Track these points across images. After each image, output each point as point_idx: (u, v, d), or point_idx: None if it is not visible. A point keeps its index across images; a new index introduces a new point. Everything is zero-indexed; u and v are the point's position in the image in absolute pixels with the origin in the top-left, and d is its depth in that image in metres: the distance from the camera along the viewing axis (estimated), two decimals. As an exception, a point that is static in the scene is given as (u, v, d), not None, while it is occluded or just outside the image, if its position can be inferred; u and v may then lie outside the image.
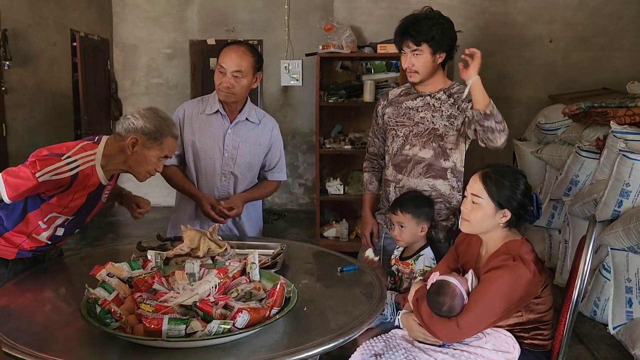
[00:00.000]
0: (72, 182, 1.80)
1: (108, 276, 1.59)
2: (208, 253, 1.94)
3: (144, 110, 1.91)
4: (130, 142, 1.85)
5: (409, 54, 2.21)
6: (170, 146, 1.93)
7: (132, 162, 1.90)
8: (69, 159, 1.78)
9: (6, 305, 1.65)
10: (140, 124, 1.86)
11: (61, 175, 1.76)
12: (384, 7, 4.75)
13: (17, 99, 4.91)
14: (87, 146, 1.87)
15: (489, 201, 1.75)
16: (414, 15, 2.22)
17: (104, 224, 5.99)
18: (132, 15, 6.73)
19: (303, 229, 6.03)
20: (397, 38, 2.25)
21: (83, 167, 1.82)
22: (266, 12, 6.63)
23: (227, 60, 2.27)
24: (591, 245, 1.64)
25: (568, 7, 4.80)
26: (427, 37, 2.17)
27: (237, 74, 2.28)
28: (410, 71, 2.24)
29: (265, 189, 2.58)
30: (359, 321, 1.55)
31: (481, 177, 1.78)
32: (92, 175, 1.86)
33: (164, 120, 1.91)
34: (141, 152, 1.88)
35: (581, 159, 3.80)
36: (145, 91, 6.86)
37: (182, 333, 1.32)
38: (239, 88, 2.31)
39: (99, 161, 1.87)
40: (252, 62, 2.30)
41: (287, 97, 6.79)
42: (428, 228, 2.15)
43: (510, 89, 4.96)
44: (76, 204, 1.89)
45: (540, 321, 1.76)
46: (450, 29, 2.25)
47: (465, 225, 1.82)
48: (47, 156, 1.77)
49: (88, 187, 1.87)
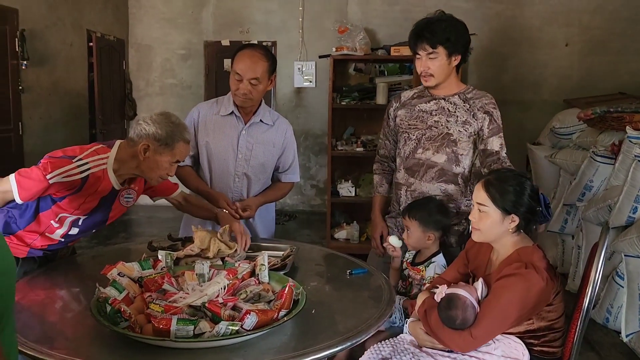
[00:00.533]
0: (82, 185, 1.81)
1: (119, 275, 1.61)
2: (218, 254, 1.95)
3: (156, 116, 1.90)
4: (142, 148, 1.86)
5: (425, 57, 2.19)
6: (182, 151, 1.93)
7: (144, 167, 1.90)
8: (80, 162, 1.80)
9: (17, 302, 1.67)
10: (152, 130, 1.86)
11: (72, 177, 1.77)
12: (399, 10, 4.75)
13: (34, 98, 4.97)
14: (100, 150, 1.89)
15: (495, 208, 1.74)
16: (428, 18, 2.21)
17: (116, 223, 6.02)
18: (147, 16, 6.79)
19: (314, 230, 6.03)
20: (411, 41, 2.24)
21: (94, 170, 1.83)
22: (281, 14, 6.65)
23: (243, 67, 2.26)
24: (603, 252, 1.62)
25: (585, 10, 4.76)
26: (442, 39, 2.15)
27: (254, 81, 2.27)
28: (425, 75, 2.22)
29: (279, 191, 2.58)
30: (366, 325, 1.55)
31: (484, 186, 1.77)
32: (104, 179, 1.87)
33: (175, 125, 1.90)
34: (153, 157, 1.88)
35: (596, 164, 3.76)
36: (159, 91, 6.91)
37: (191, 334, 1.33)
38: (256, 94, 2.32)
39: (111, 165, 1.88)
40: (267, 66, 2.30)
41: (300, 98, 6.80)
42: (441, 235, 2.12)
43: (525, 93, 4.93)
44: (88, 206, 1.90)
45: (551, 328, 1.74)
46: (464, 31, 2.24)
47: (476, 234, 1.81)
48: (59, 158, 1.79)
49: (100, 191, 1.88)
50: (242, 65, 2.27)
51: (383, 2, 4.85)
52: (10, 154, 4.64)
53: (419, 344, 1.79)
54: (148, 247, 2.08)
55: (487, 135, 2.23)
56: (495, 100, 5.28)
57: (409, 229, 2.09)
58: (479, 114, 2.23)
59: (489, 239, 1.81)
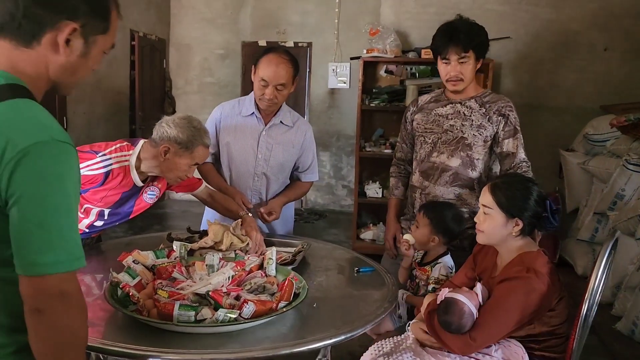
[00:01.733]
0: (105, 179, 1.93)
1: (134, 263, 1.71)
2: (230, 247, 2.04)
3: (178, 119, 1.97)
4: (163, 150, 1.95)
5: (455, 61, 2.18)
6: (201, 155, 2.01)
7: (163, 167, 1.99)
8: (103, 157, 1.92)
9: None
10: (174, 133, 1.93)
11: (95, 171, 1.89)
12: (432, 12, 4.74)
13: (78, 94, 5.22)
14: (124, 147, 1.99)
15: (499, 211, 1.75)
16: (458, 22, 2.20)
17: (151, 216, 6.26)
18: (188, 16, 7.00)
19: (342, 230, 6.08)
20: (440, 46, 2.21)
21: (116, 166, 1.94)
22: (316, 15, 6.73)
23: (270, 73, 2.30)
24: (604, 259, 1.61)
25: (626, 15, 4.62)
26: (475, 43, 2.16)
27: (280, 87, 2.33)
28: (456, 79, 2.22)
29: (299, 189, 2.65)
30: (364, 320, 1.60)
31: (490, 189, 1.79)
32: (126, 175, 1.97)
33: (197, 130, 1.97)
34: (173, 159, 1.96)
35: (628, 173, 3.67)
36: (197, 90, 7.11)
37: (192, 319, 1.42)
38: (281, 98, 2.39)
39: (133, 162, 1.98)
40: (292, 72, 2.35)
41: (334, 99, 6.87)
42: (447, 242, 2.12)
43: (560, 98, 4.83)
44: (110, 200, 2.01)
45: (553, 334, 1.75)
46: (486, 36, 2.25)
47: (480, 236, 1.83)
48: (85, 152, 1.91)
49: (121, 186, 1.99)
50: (268, 71, 2.30)
51: (416, 4, 4.85)
52: (54, 147, 4.89)
53: (420, 341, 1.82)
54: (167, 238, 2.18)
55: (503, 137, 2.23)
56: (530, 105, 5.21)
57: (418, 225, 2.12)
58: (494, 117, 2.23)
59: (492, 241, 1.82)
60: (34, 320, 0.96)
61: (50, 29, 1.01)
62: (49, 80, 1.07)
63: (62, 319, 0.96)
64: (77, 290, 0.99)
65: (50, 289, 0.94)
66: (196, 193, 2.33)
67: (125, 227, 5.54)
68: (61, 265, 0.94)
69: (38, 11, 1.00)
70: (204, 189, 2.33)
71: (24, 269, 0.94)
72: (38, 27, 1.01)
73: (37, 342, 0.97)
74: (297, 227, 6.66)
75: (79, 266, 0.97)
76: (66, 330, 0.97)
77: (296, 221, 6.88)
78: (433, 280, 2.01)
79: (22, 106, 0.98)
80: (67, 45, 1.03)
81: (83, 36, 1.05)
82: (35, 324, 0.96)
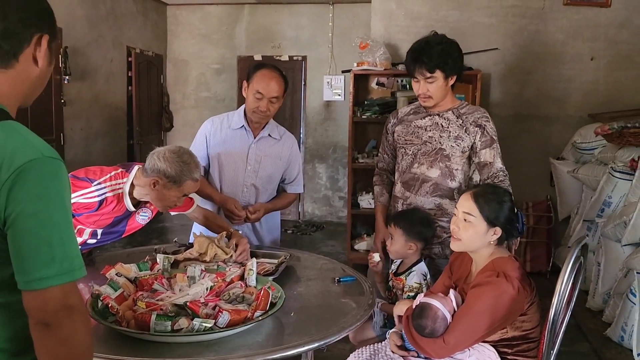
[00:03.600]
0: (98, 206, 2.00)
1: (116, 275, 1.77)
2: (215, 258, 2.10)
3: (169, 153, 2.00)
4: (152, 182, 1.99)
5: (423, 81, 2.26)
6: (189, 188, 2.05)
7: (153, 196, 2.04)
8: (98, 186, 1.98)
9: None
10: (163, 167, 1.97)
11: (89, 199, 1.97)
12: (421, 25, 4.82)
13: (75, 110, 5.32)
14: (118, 175, 2.05)
15: (481, 219, 1.80)
16: (424, 42, 2.28)
17: (150, 230, 6.32)
18: (185, 32, 7.12)
19: (339, 241, 6.12)
20: (409, 66, 2.31)
21: (110, 194, 2.01)
22: (311, 29, 6.84)
23: (265, 87, 2.41)
24: (570, 263, 1.66)
25: (611, 25, 4.69)
26: (439, 63, 2.22)
27: (274, 100, 2.44)
28: (424, 97, 2.30)
29: (285, 200, 2.73)
30: (339, 328, 1.65)
31: (473, 196, 1.84)
32: (119, 202, 2.05)
33: (186, 164, 2.00)
34: (161, 191, 2.01)
35: (614, 180, 3.72)
36: (194, 104, 7.22)
37: (168, 328, 1.47)
38: (273, 111, 2.49)
39: (127, 190, 2.05)
40: (284, 86, 2.47)
41: (329, 111, 6.95)
42: (424, 246, 2.19)
43: (549, 107, 4.88)
44: (103, 222, 2.09)
45: (526, 338, 1.79)
46: (459, 52, 2.31)
47: (456, 244, 1.88)
48: (80, 179, 1.97)
49: (115, 212, 2.06)
50: (263, 84, 2.41)
51: (406, 17, 4.93)
52: (51, 163, 4.97)
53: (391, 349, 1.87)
54: (154, 252, 2.23)
55: (480, 147, 2.29)
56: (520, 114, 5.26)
57: (392, 237, 2.18)
58: (471, 128, 2.29)
59: (468, 249, 1.87)
60: (41, 334, 0.98)
61: (28, 45, 1.07)
62: (24, 94, 1.11)
63: (69, 331, 0.98)
64: (81, 302, 1.02)
65: (55, 301, 0.96)
66: (188, 212, 2.39)
67: (124, 241, 5.60)
68: (64, 276, 0.97)
69: (17, 30, 1.04)
70: (196, 207, 2.39)
71: (28, 284, 0.96)
72: (18, 45, 1.06)
73: (44, 356, 0.99)
74: (294, 238, 6.73)
75: (81, 275, 1.01)
76: (73, 343, 0.99)
77: (293, 233, 6.95)
78: (408, 288, 2.06)
79: (7, 128, 1.02)
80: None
81: (49, 45, 1.11)
82: (42, 337, 0.98)
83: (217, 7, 6.98)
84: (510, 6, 4.80)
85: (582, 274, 1.85)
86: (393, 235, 2.17)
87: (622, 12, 4.66)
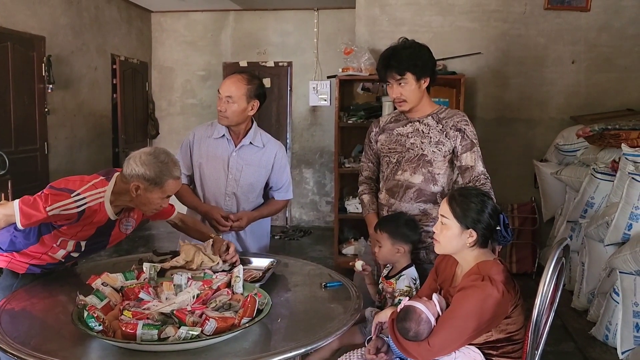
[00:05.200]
0: (79, 217, 1.95)
1: (102, 285, 1.76)
2: (201, 266, 2.10)
3: (145, 156, 1.96)
4: (133, 187, 1.96)
5: (395, 84, 2.30)
6: (171, 187, 2.02)
7: (137, 202, 2.01)
8: (77, 197, 1.92)
9: (13, 308, 1.85)
10: (142, 171, 1.93)
11: (69, 211, 1.91)
12: (405, 31, 4.85)
13: (59, 119, 5.28)
14: (98, 183, 2.00)
15: (455, 222, 1.83)
16: (392, 48, 2.32)
17: (137, 238, 6.28)
18: (170, 39, 7.11)
19: (327, 246, 6.13)
20: (380, 72, 2.35)
21: (91, 204, 1.95)
22: (296, 35, 6.87)
23: (223, 86, 2.50)
24: (552, 265, 1.69)
25: (591, 28, 4.77)
26: (409, 66, 2.26)
27: (228, 99, 2.46)
28: (399, 100, 2.33)
29: (273, 206, 2.73)
30: (326, 333, 1.66)
31: (447, 200, 1.87)
32: (100, 211, 2.00)
33: (164, 164, 1.97)
34: (144, 195, 1.98)
35: (596, 181, 3.78)
36: (180, 111, 7.20)
37: (155, 337, 1.47)
38: (230, 112, 2.48)
39: (107, 198, 1.99)
40: (245, 89, 2.47)
41: (316, 116, 6.98)
42: (411, 249, 2.21)
43: (532, 110, 4.95)
44: (85, 234, 2.05)
45: (510, 340, 1.81)
46: (429, 54, 2.34)
47: (437, 246, 1.91)
48: (59, 190, 1.92)
49: (96, 222, 2.02)
50: (223, 85, 2.51)
51: (390, 23, 4.97)
52: (36, 173, 4.93)
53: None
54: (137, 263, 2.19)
55: (461, 151, 2.32)
56: (503, 117, 5.30)
57: (379, 243, 2.20)
58: (451, 133, 2.32)
59: (447, 251, 1.90)
60: None
61: None
62: None
63: None
64: None
65: None
66: (169, 219, 2.38)
67: (110, 250, 5.55)
68: None
69: None
70: (176, 214, 2.39)
71: None
72: None
73: None
74: (282, 244, 6.71)
75: None
76: None
77: (281, 238, 6.93)
78: (399, 292, 2.08)
79: None
80: None
81: None
82: None
83: (202, 13, 6.98)
84: (493, 11, 4.86)
85: (565, 274, 1.88)
86: (379, 241, 2.19)
87: (602, 16, 4.74)
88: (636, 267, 3.02)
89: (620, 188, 3.43)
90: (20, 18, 4.70)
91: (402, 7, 4.95)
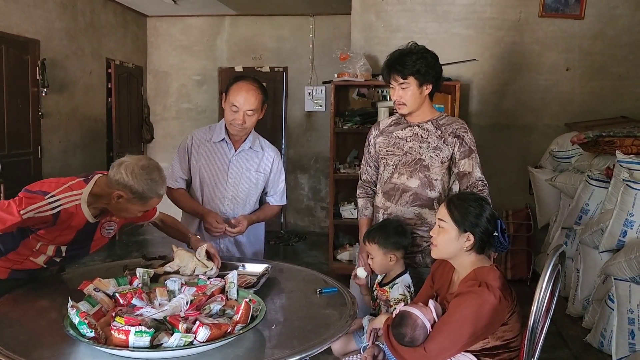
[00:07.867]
0: (55, 220, 1.90)
1: (95, 291, 1.74)
2: (195, 271, 2.08)
3: (137, 169, 1.91)
4: (116, 195, 1.91)
5: (397, 87, 2.31)
6: (153, 204, 2.00)
7: (113, 207, 1.98)
8: (52, 198, 1.87)
9: (3, 314, 1.82)
10: (130, 183, 1.89)
11: (43, 213, 1.85)
12: (400, 37, 4.87)
13: (53, 123, 5.25)
14: (75, 185, 1.95)
15: (452, 225, 1.83)
16: (399, 51, 2.32)
17: (131, 242, 6.25)
18: (165, 44, 7.10)
19: (322, 251, 6.11)
20: (384, 73, 2.35)
21: (66, 206, 1.90)
22: (292, 41, 6.88)
23: (240, 99, 2.43)
24: (548, 271, 1.69)
25: (585, 36, 4.80)
26: (412, 71, 2.26)
27: (250, 112, 2.44)
28: (399, 103, 2.34)
29: (269, 211, 2.73)
30: (320, 340, 1.64)
31: (446, 203, 1.87)
32: (77, 214, 1.94)
33: (153, 182, 1.93)
34: (125, 204, 1.94)
35: (591, 188, 3.79)
36: (175, 116, 7.18)
37: (148, 344, 1.45)
38: (251, 124, 2.50)
39: (85, 200, 1.94)
40: (262, 99, 2.47)
41: (311, 122, 6.98)
42: (403, 255, 2.20)
43: (527, 117, 4.97)
44: (65, 238, 2.00)
45: (507, 347, 1.80)
46: (434, 61, 2.34)
47: (434, 250, 1.91)
48: (33, 193, 1.88)
49: (74, 225, 1.96)
50: (239, 97, 2.43)
51: (385, 29, 4.98)
52: (29, 177, 4.89)
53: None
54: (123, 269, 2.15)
55: (459, 158, 2.32)
56: (499, 124, 5.32)
57: (371, 254, 2.19)
58: (449, 139, 2.32)
59: (444, 255, 1.89)
60: None
61: None
62: None
63: None
64: None
65: None
66: (151, 220, 2.37)
67: (103, 255, 5.53)
68: None
69: None
70: (157, 214, 2.37)
71: None
72: None
73: None
74: (277, 249, 6.69)
75: None
76: None
77: (276, 244, 6.92)
78: (394, 300, 2.06)
79: None
80: None
81: None
82: None
83: (198, 18, 6.98)
84: (488, 18, 4.88)
85: (560, 281, 1.88)
86: (370, 252, 2.18)
87: (596, 24, 4.77)
88: (631, 274, 3.02)
89: (614, 195, 3.44)
90: (15, 21, 4.68)
91: (398, 14, 4.96)
